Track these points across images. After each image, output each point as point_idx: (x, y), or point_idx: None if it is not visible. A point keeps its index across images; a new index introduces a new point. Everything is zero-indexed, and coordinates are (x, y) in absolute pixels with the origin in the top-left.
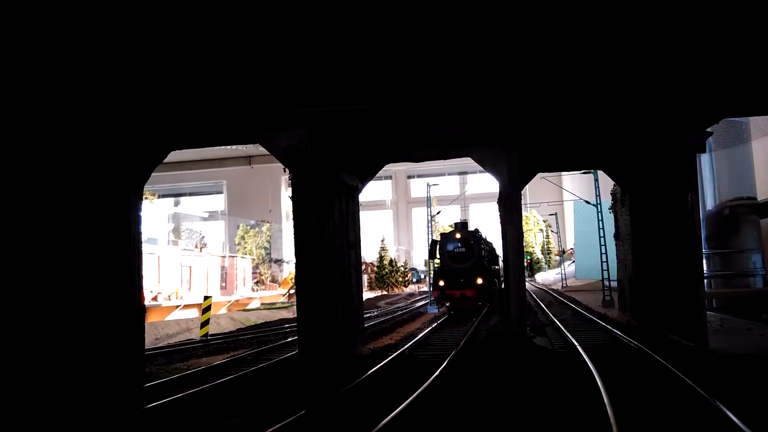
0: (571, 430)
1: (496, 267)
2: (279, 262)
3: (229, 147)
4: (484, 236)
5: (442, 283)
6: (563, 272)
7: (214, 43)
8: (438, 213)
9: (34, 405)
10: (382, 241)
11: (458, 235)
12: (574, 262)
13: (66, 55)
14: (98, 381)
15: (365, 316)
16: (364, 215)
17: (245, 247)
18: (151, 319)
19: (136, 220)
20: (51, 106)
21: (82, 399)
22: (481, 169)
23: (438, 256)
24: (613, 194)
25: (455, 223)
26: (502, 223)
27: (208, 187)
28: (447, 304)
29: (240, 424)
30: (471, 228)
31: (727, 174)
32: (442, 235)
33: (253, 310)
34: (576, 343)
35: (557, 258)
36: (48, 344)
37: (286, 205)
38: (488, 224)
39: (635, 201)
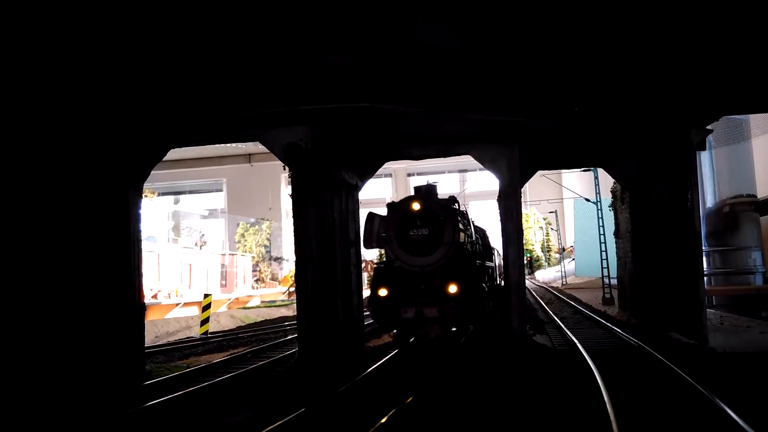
0: (571, 427)
1: (490, 264)
2: (279, 260)
3: (229, 145)
4: (464, 209)
5: (384, 292)
6: (563, 270)
7: (215, 42)
8: None
9: (33, 403)
10: None
11: (416, 206)
12: (574, 259)
13: (66, 53)
14: (98, 379)
15: (365, 313)
16: (364, 213)
17: (245, 245)
18: (151, 317)
19: (136, 218)
20: (51, 104)
21: (82, 397)
22: (481, 167)
23: (385, 243)
24: (613, 192)
25: (415, 188)
26: (502, 220)
27: (208, 185)
28: (394, 332)
29: (241, 422)
30: (443, 195)
31: (727, 171)
32: (390, 206)
33: (253, 307)
34: (576, 341)
35: (557, 255)
36: (47, 342)
37: (286, 203)
38: (489, 222)
39: (635, 198)
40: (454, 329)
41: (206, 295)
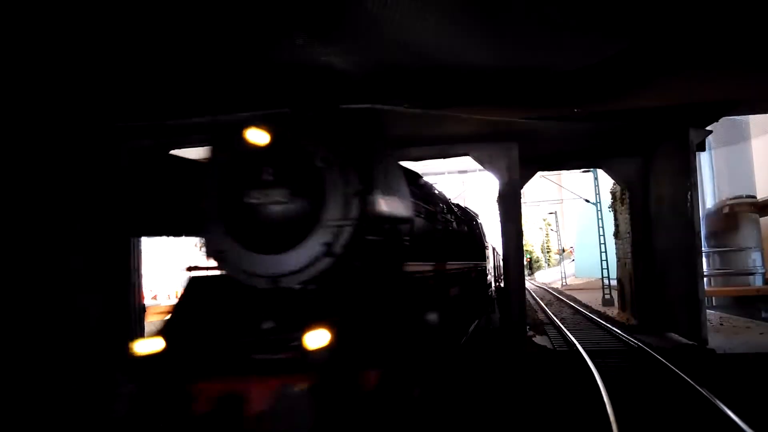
0: (571, 428)
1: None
2: None
3: None
4: (387, 155)
5: (155, 345)
6: (563, 271)
7: (214, 42)
8: None
9: (30, 405)
10: None
11: (261, 138)
12: (573, 260)
13: (65, 52)
14: (97, 380)
15: None
16: None
17: None
18: (151, 317)
19: None
20: (51, 104)
21: (81, 398)
22: (481, 167)
23: (203, 225)
24: (613, 193)
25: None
26: (501, 221)
27: None
28: None
29: None
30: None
31: (727, 172)
32: (213, 146)
33: None
34: (576, 342)
35: (557, 256)
36: (46, 343)
37: None
38: (488, 222)
39: (635, 199)
40: None
41: None
